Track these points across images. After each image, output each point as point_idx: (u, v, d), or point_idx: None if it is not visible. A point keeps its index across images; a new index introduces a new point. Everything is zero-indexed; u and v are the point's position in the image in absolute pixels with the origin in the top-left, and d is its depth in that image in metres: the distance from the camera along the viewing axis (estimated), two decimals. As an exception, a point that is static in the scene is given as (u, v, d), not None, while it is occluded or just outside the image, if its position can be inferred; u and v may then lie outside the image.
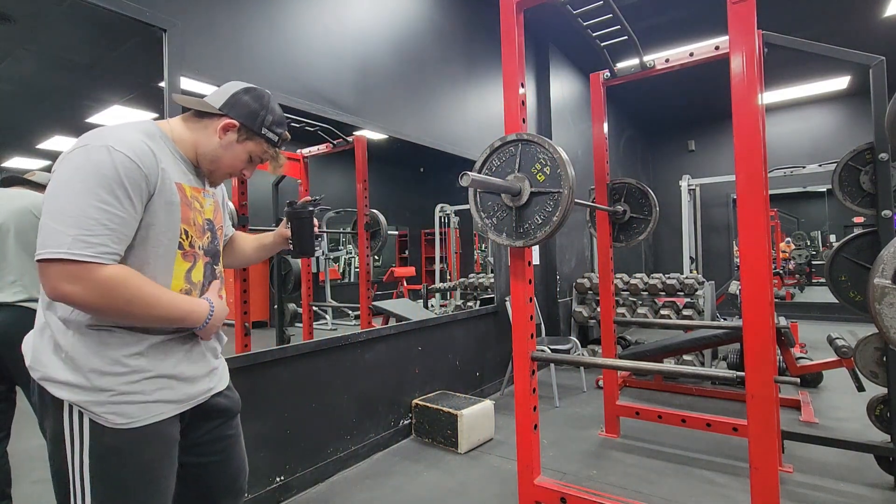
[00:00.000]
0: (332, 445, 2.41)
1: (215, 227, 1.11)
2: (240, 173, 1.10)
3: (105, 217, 0.83)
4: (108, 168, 0.84)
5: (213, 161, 1.05)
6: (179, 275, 0.98)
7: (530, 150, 1.63)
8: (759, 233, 1.54)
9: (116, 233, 0.84)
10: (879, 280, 1.48)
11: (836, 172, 2.22)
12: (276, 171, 1.12)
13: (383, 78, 2.90)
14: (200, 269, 1.04)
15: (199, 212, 1.03)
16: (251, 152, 1.07)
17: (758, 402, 1.53)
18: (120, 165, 0.85)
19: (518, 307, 1.83)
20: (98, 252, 0.82)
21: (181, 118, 1.07)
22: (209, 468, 1.12)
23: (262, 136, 1.06)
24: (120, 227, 0.85)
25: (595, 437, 2.77)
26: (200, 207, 1.04)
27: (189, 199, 0.99)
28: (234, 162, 1.06)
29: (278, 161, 1.10)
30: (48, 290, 0.82)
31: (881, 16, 4.47)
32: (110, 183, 0.84)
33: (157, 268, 0.94)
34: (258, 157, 1.09)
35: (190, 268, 1.00)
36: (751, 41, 1.56)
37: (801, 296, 7.76)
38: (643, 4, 4.06)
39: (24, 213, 1.84)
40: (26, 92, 2.83)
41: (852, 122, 6.77)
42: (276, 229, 1.35)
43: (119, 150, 0.86)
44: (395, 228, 6.62)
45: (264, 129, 1.06)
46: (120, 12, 1.66)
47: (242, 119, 1.04)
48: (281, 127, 1.10)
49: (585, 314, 4.59)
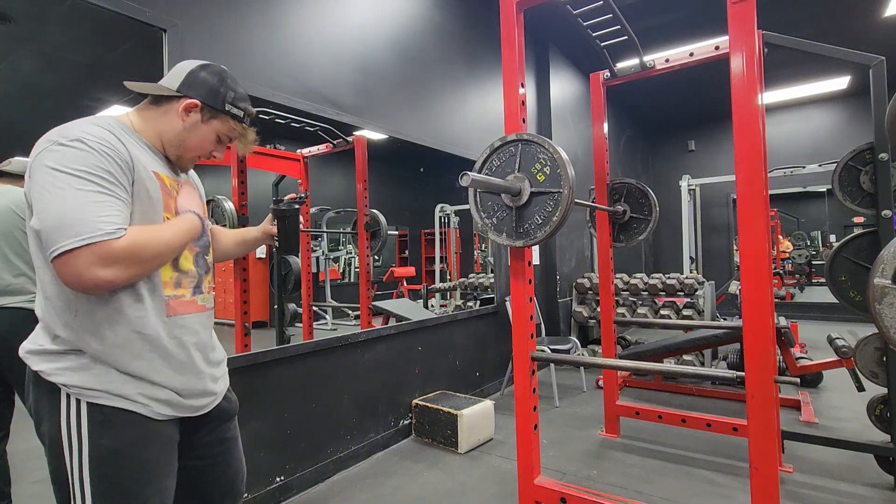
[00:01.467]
0: (332, 445, 2.41)
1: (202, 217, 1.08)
2: (209, 155, 1.05)
3: (105, 198, 0.83)
4: (90, 157, 0.83)
5: (179, 146, 1.01)
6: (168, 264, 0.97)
7: (530, 150, 1.63)
8: (759, 233, 1.54)
9: (119, 209, 0.85)
10: (879, 280, 1.48)
11: (836, 172, 2.22)
12: (246, 149, 1.07)
13: (383, 78, 2.90)
14: (189, 258, 1.02)
15: None
16: (218, 131, 1.03)
17: (758, 403, 1.53)
18: (99, 152, 0.84)
19: (518, 307, 1.83)
20: (115, 229, 0.82)
21: (136, 109, 1.02)
22: (207, 471, 1.11)
23: (226, 112, 1.01)
24: (120, 203, 0.85)
25: (595, 437, 2.77)
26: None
27: (169, 188, 0.98)
28: (202, 143, 1.02)
29: (247, 138, 1.06)
30: (77, 281, 0.80)
31: (881, 16, 4.47)
32: (97, 170, 0.83)
33: None
34: (226, 136, 1.04)
35: (177, 256, 0.98)
36: (751, 41, 1.56)
37: (801, 296, 7.76)
38: (643, 4, 4.06)
39: (6, 212, 1.82)
40: (26, 92, 2.83)
41: (852, 122, 6.77)
42: (260, 225, 1.33)
43: (91, 133, 0.85)
44: (395, 228, 6.62)
45: (227, 105, 1.01)
46: (120, 12, 1.66)
47: (203, 97, 0.99)
48: (245, 101, 1.05)
49: (585, 314, 4.59)
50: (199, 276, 1.05)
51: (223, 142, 1.05)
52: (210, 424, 1.10)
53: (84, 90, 2.78)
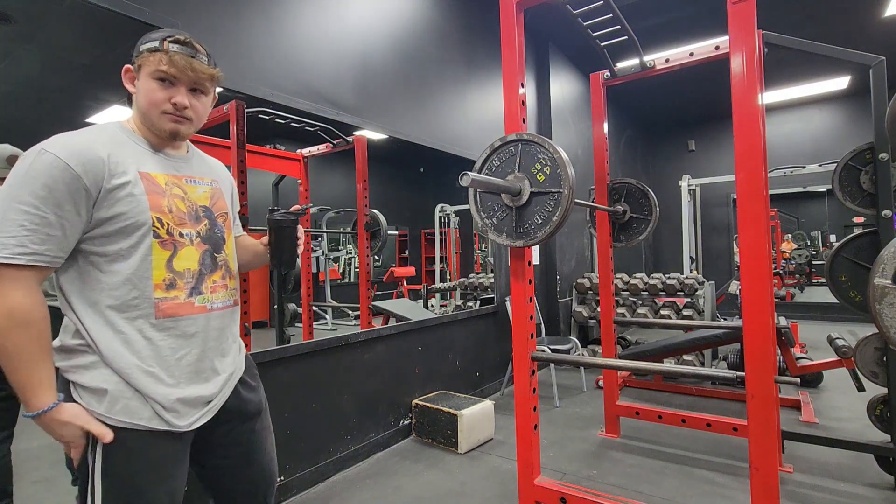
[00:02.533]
0: (331, 445, 2.41)
1: (214, 214, 1.07)
2: (170, 104, 0.97)
3: (23, 218, 0.82)
4: (34, 171, 0.84)
5: (143, 114, 0.98)
6: (160, 264, 0.95)
7: (530, 150, 1.63)
8: (759, 233, 1.54)
9: (36, 233, 0.83)
10: (879, 280, 1.48)
11: (836, 172, 2.22)
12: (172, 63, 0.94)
13: (383, 78, 2.90)
14: (189, 257, 0.99)
15: (180, 198, 1.00)
16: (151, 75, 0.95)
17: (758, 403, 1.53)
18: (45, 168, 0.84)
19: (518, 307, 1.83)
20: (13, 253, 0.82)
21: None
22: (227, 472, 1.12)
23: (143, 52, 0.95)
24: (41, 227, 0.83)
25: (595, 437, 2.77)
26: (183, 194, 1.01)
27: (162, 186, 0.97)
28: (151, 96, 0.96)
29: (168, 54, 0.94)
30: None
31: (881, 16, 4.47)
32: (35, 186, 0.83)
33: (135, 258, 0.92)
34: (160, 72, 0.95)
35: (170, 256, 0.96)
36: (751, 41, 1.56)
37: (801, 296, 7.75)
38: (643, 4, 4.06)
39: None
40: (26, 92, 2.83)
41: (852, 122, 6.77)
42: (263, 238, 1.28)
43: (50, 151, 0.85)
44: (395, 228, 6.62)
45: (141, 46, 0.96)
46: (120, 12, 1.66)
47: (131, 59, 0.98)
48: (159, 33, 0.97)
49: (585, 314, 4.59)
50: (201, 276, 1.01)
51: (167, 80, 0.96)
52: (227, 424, 1.08)
53: (84, 90, 2.78)
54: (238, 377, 1.12)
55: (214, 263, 1.05)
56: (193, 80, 0.98)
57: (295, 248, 1.16)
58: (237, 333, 1.14)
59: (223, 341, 1.07)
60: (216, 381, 1.04)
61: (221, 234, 1.08)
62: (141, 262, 0.93)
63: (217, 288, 1.05)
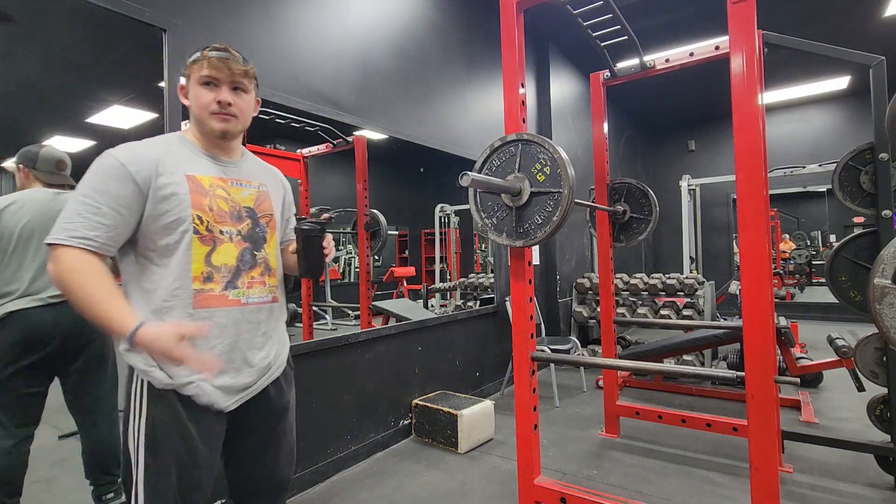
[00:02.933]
0: (331, 445, 2.41)
1: (258, 215, 1.15)
2: (216, 104, 1.09)
3: (82, 208, 0.96)
4: (96, 169, 1.00)
5: (197, 119, 1.11)
6: (199, 258, 1.04)
7: (530, 150, 1.63)
8: (759, 233, 1.54)
9: (90, 221, 0.96)
10: (879, 280, 1.48)
11: (836, 172, 2.21)
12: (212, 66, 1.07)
13: (383, 78, 2.90)
14: (227, 253, 1.08)
15: (223, 199, 1.09)
16: (197, 81, 1.09)
17: (758, 403, 1.53)
18: (105, 167, 1.00)
19: (518, 307, 1.83)
20: (68, 236, 0.95)
21: None
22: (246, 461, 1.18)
23: (189, 64, 1.10)
24: (94, 216, 0.96)
25: (595, 437, 2.77)
26: (226, 195, 1.10)
27: (206, 187, 1.07)
28: (199, 100, 1.09)
29: (207, 59, 1.08)
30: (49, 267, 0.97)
31: (881, 16, 4.47)
32: (95, 181, 0.99)
33: (179, 252, 1.02)
34: (204, 77, 1.08)
35: (209, 251, 1.05)
36: (751, 41, 1.56)
37: (801, 296, 7.75)
38: (643, 4, 4.06)
39: None
40: (26, 92, 2.83)
41: (852, 122, 6.77)
42: None
43: (112, 154, 1.01)
44: (395, 228, 6.61)
45: (188, 61, 1.11)
46: (120, 12, 1.67)
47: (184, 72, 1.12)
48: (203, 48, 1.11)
49: (585, 314, 4.59)
50: (238, 271, 1.09)
51: (211, 83, 1.09)
52: (257, 418, 1.16)
53: (84, 90, 2.78)
54: (277, 374, 1.18)
55: (254, 260, 1.13)
56: (232, 79, 1.09)
57: (322, 256, 1.18)
58: (280, 330, 1.21)
59: (257, 335, 1.13)
60: (248, 372, 1.11)
61: (263, 233, 1.16)
62: (183, 256, 1.02)
63: (254, 284, 1.12)
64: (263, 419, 1.17)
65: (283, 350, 1.22)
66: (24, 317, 1.73)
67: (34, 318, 1.74)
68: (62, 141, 3.12)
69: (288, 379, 1.24)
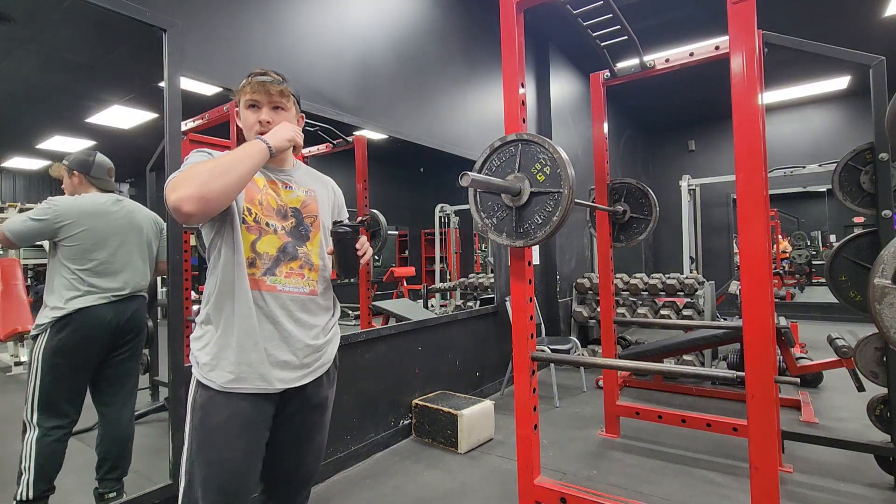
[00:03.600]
0: (331, 445, 2.41)
1: (303, 215, 1.26)
2: (259, 123, 1.21)
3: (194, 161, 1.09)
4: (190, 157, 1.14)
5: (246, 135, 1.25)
6: (247, 245, 1.15)
7: (530, 150, 1.63)
8: (759, 233, 1.54)
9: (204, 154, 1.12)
10: (879, 280, 1.48)
11: (836, 172, 2.22)
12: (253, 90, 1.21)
13: (383, 78, 2.90)
14: (270, 243, 1.18)
15: (272, 196, 1.21)
16: (244, 104, 1.23)
17: (758, 403, 1.53)
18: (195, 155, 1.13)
19: (518, 307, 1.83)
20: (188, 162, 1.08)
21: None
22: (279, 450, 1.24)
23: (240, 89, 1.23)
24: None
25: (595, 437, 2.77)
26: (276, 194, 1.22)
27: (260, 187, 1.20)
28: (246, 121, 1.23)
29: (250, 84, 1.21)
30: (170, 207, 1.01)
31: (881, 16, 4.47)
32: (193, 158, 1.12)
33: (234, 233, 1.14)
34: (248, 100, 1.22)
35: (255, 239, 1.16)
36: (751, 41, 1.56)
37: (801, 296, 7.75)
38: (643, 4, 4.06)
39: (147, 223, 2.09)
40: (26, 92, 2.83)
41: (852, 122, 6.77)
42: None
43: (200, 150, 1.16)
44: (395, 228, 6.61)
45: (238, 87, 1.24)
46: (120, 12, 1.66)
47: (235, 98, 1.27)
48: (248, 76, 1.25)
49: (585, 314, 4.59)
50: (277, 261, 1.18)
51: (255, 106, 1.22)
52: (294, 408, 1.22)
53: (84, 90, 2.78)
54: (323, 369, 1.26)
55: (295, 253, 1.22)
56: (270, 100, 1.21)
57: (357, 258, 1.26)
58: (322, 323, 1.27)
59: (289, 322, 1.20)
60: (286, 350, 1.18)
61: (307, 232, 1.26)
62: (236, 241, 1.14)
63: (293, 274, 1.21)
64: (301, 412, 1.23)
65: (327, 347, 1.28)
66: (88, 313, 1.84)
67: (97, 314, 1.87)
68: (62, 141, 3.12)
69: (330, 377, 1.31)
